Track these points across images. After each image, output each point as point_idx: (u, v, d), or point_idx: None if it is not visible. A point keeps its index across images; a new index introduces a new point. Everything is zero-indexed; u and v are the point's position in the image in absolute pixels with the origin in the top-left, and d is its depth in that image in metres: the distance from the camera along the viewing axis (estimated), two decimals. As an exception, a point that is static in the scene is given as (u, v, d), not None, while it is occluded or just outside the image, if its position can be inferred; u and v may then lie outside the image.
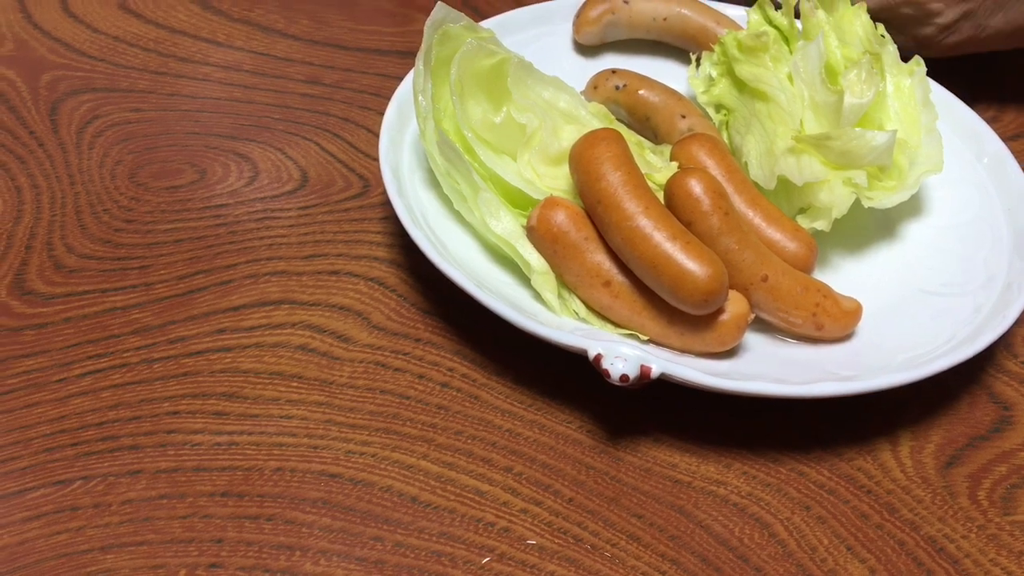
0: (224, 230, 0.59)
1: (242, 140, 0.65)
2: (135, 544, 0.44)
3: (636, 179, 0.50)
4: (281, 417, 0.49)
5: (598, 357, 0.47)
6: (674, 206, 0.51)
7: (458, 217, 0.55)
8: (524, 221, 0.53)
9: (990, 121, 0.64)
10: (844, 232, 0.57)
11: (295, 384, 0.51)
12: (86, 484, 0.46)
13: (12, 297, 0.54)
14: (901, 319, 0.53)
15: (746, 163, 0.58)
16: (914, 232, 0.59)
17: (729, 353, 0.50)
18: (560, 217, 0.51)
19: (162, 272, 0.56)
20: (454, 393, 0.51)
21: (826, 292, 0.51)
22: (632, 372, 0.46)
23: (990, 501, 0.48)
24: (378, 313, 0.55)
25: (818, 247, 0.54)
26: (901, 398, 0.52)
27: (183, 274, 0.56)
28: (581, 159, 0.51)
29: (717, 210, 0.50)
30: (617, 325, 0.51)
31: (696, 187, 0.50)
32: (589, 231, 0.51)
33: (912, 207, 0.59)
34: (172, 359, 0.52)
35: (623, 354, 0.46)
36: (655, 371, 0.46)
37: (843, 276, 0.56)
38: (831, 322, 0.50)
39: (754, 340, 0.52)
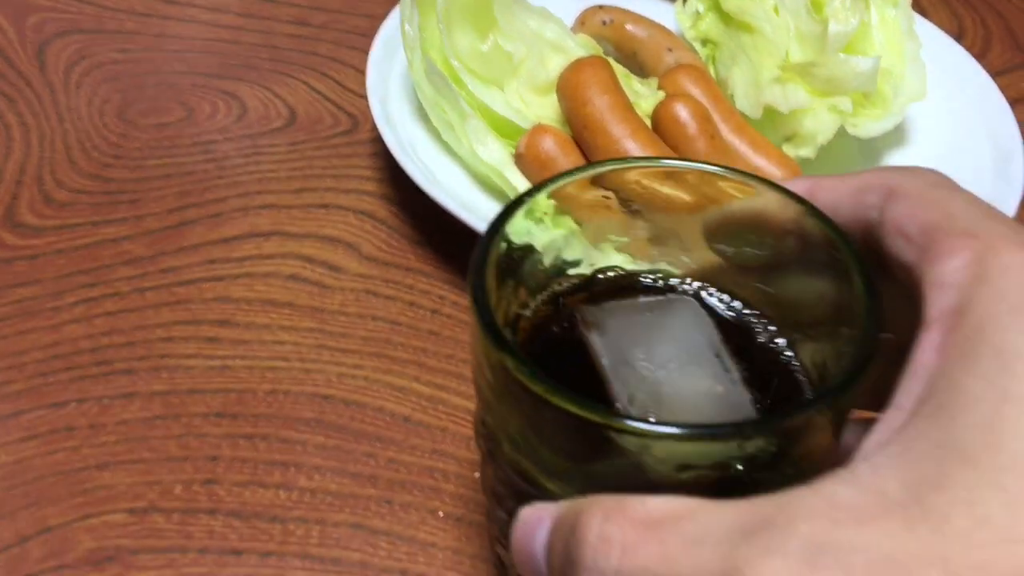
0: (213, 165, 0.59)
1: (230, 79, 0.65)
2: (131, 462, 0.44)
3: (623, 104, 0.50)
4: (273, 342, 0.50)
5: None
6: (661, 132, 0.51)
7: (446, 148, 0.56)
8: (512, 150, 0.53)
9: (977, 58, 0.65)
10: (830, 162, 0.58)
11: (287, 311, 0.51)
12: (81, 406, 0.46)
13: (3, 229, 0.54)
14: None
15: (732, 95, 0.58)
16: (897, 160, 0.59)
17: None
18: (548, 143, 0.51)
19: (152, 206, 0.56)
20: (444, 319, 0.52)
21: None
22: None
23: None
24: (368, 244, 0.55)
25: (803, 174, 0.54)
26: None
27: (173, 207, 0.56)
28: (568, 84, 0.51)
29: (703, 134, 0.50)
30: (605, 250, 0.51)
31: (683, 112, 0.51)
32: (577, 157, 0.51)
33: (896, 137, 0.60)
34: (164, 288, 0.52)
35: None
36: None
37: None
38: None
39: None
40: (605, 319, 0.35)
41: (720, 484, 0.29)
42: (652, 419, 0.28)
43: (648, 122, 0.52)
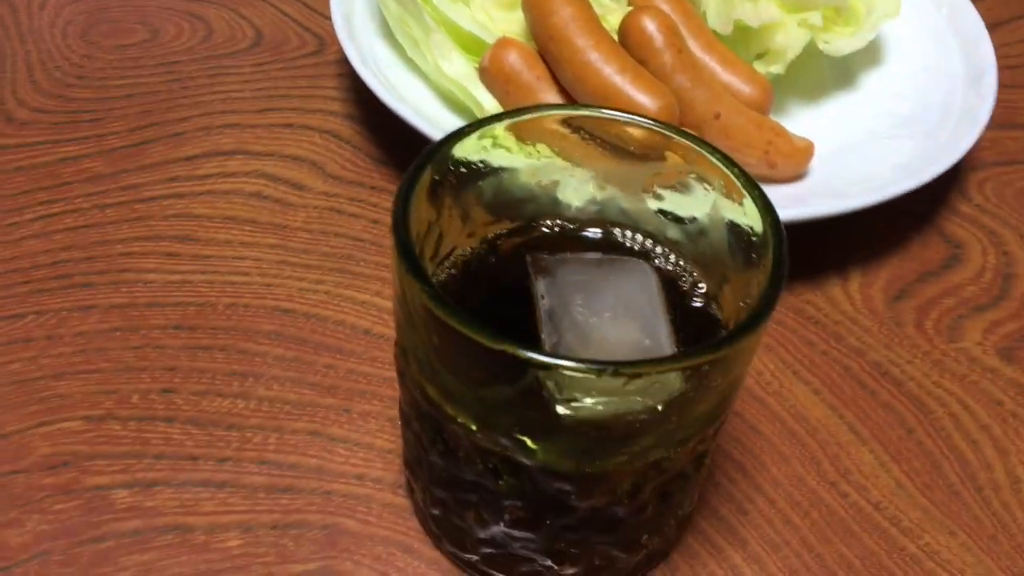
0: (177, 85, 0.58)
1: (195, 1, 0.64)
2: (88, 372, 0.44)
3: (587, 15, 0.49)
4: (234, 258, 0.49)
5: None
6: (627, 44, 0.50)
7: (411, 66, 0.55)
8: (477, 65, 0.52)
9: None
10: (800, 80, 0.57)
11: (248, 228, 0.51)
12: (39, 318, 0.46)
13: (-38, 147, 0.54)
14: (854, 159, 0.53)
15: (704, 12, 0.57)
16: (870, 79, 0.58)
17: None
18: (512, 57, 0.50)
19: (114, 125, 0.56)
20: (409, 236, 0.51)
21: (779, 130, 0.51)
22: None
23: (936, 330, 0.49)
24: (333, 163, 0.55)
25: (774, 91, 0.54)
26: (852, 238, 0.52)
27: (135, 126, 0.56)
28: (533, -4, 0.50)
29: (670, 47, 0.49)
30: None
31: (649, 24, 0.50)
32: (542, 71, 0.50)
33: (868, 55, 0.59)
34: (124, 204, 0.51)
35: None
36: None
37: (797, 121, 0.56)
38: (783, 160, 0.51)
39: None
40: (556, 267, 0.36)
41: (613, 427, 0.30)
42: (534, 349, 0.28)
43: (616, 37, 0.51)
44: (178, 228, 0.50)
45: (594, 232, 0.39)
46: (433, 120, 0.52)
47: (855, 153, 0.54)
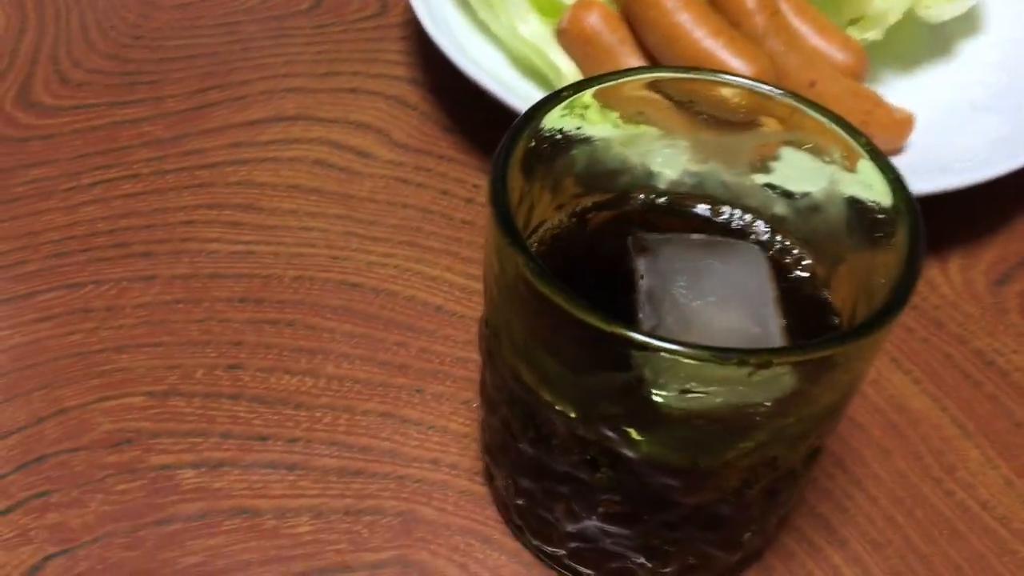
0: (238, 47, 0.56)
1: (254, -39, 0.62)
2: (151, 345, 0.42)
3: (676, -26, 0.46)
4: (299, 228, 0.47)
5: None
6: (717, 7, 0.47)
7: (482, 28, 0.52)
8: (554, 27, 0.49)
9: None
10: (895, 47, 0.54)
11: (314, 197, 0.49)
12: (98, 288, 0.44)
13: (17, 109, 0.52)
14: (951, 132, 0.50)
15: (792, -25, 0.54)
16: (969, 48, 0.55)
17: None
18: (593, 18, 0.47)
19: (173, 87, 0.54)
20: (479, 208, 0.49)
21: (877, 100, 0.48)
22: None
23: (1043, 317, 0.46)
24: (399, 130, 0.52)
25: (868, 60, 0.50)
26: (950, 216, 0.49)
27: (195, 89, 0.54)
28: (617, -46, 0.47)
29: (763, 9, 0.46)
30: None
31: (740, -15, 0.47)
32: (624, 33, 0.48)
33: (966, 22, 0.55)
34: (185, 171, 0.49)
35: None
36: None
37: (890, 90, 0.52)
38: (881, 131, 0.47)
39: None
40: (659, 247, 0.33)
41: (728, 420, 0.27)
42: (655, 334, 0.25)
43: (703, -2, 0.48)
44: (241, 196, 0.48)
45: (691, 207, 0.36)
46: (507, 85, 0.49)
47: (952, 126, 0.50)
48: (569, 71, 0.48)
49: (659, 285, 0.32)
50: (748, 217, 0.36)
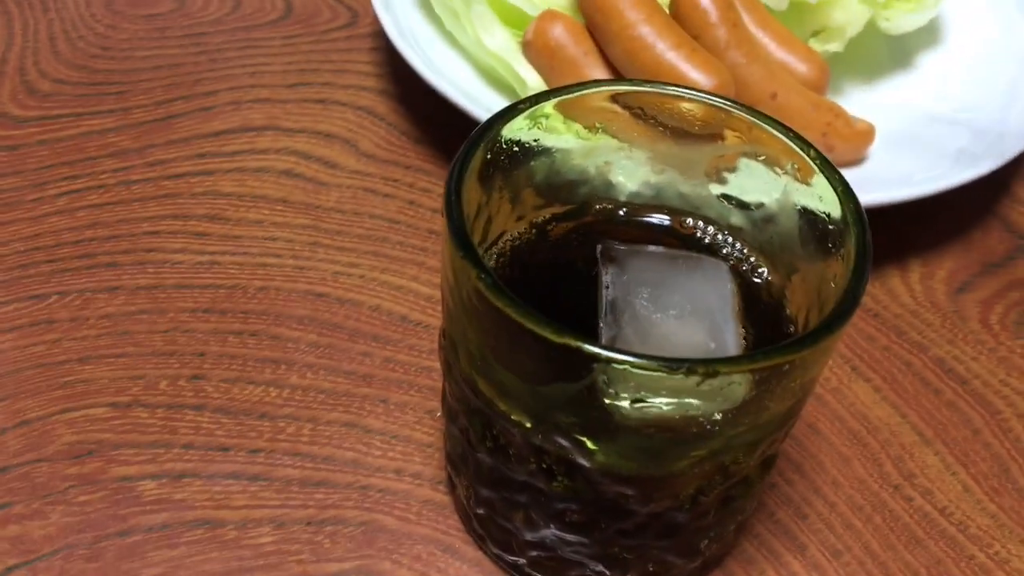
0: (204, 58, 0.56)
1: (224, -29, 0.62)
2: (114, 356, 0.42)
3: (639, -13, 0.47)
4: (265, 239, 0.47)
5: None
6: (680, 18, 0.48)
7: (450, 39, 0.53)
8: (520, 39, 0.50)
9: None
10: (857, 59, 0.54)
11: (280, 207, 0.49)
12: (62, 299, 0.44)
13: (-18, 119, 0.52)
14: (913, 143, 0.50)
15: (756, -13, 0.54)
16: (930, 60, 0.56)
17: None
18: (558, 30, 0.48)
19: (140, 98, 0.54)
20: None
21: (838, 112, 0.48)
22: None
23: (1002, 325, 0.46)
24: (367, 141, 0.52)
25: (830, 72, 0.51)
26: (911, 227, 0.50)
27: (162, 100, 0.54)
28: (581, -34, 0.48)
29: (725, 21, 0.47)
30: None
31: (703, -2, 0.47)
32: (589, 45, 0.48)
33: (929, 34, 0.56)
34: (151, 181, 0.49)
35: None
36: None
37: (852, 103, 0.53)
38: (842, 143, 0.48)
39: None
40: (626, 257, 0.34)
41: (680, 429, 0.27)
42: (604, 345, 0.26)
43: (667, 10, 0.49)
44: (207, 206, 0.48)
45: (650, 217, 0.37)
46: (472, 97, 0.49)
47: (914, 137, 0.51)
48: (534, 83, 0.48)
49: (622, 296, 0.32)
50: (708, 228, 0.36)
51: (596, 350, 0.26)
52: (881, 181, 0.48)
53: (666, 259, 0.34)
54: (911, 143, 0.50)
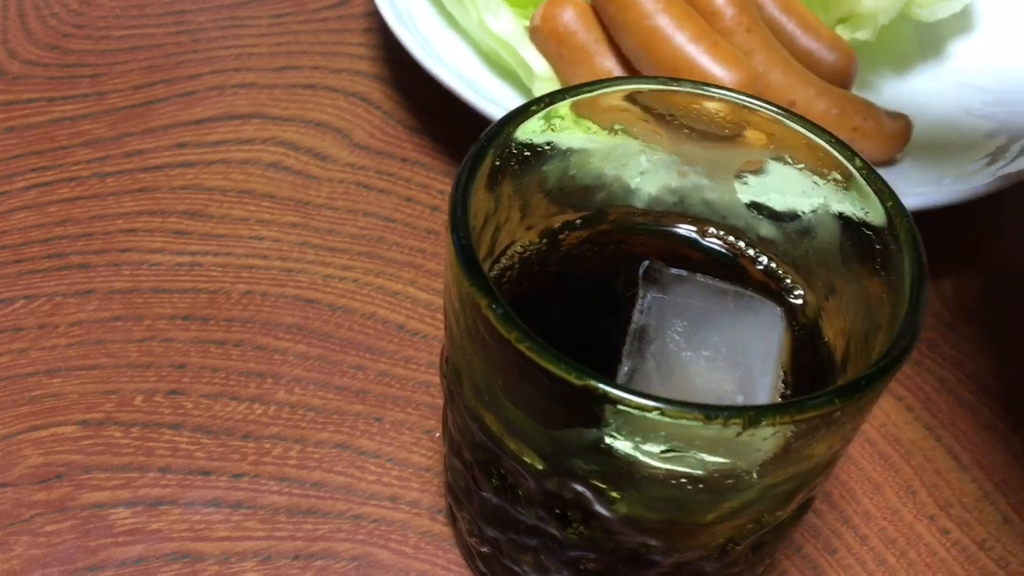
0: (187, 38, 0.52)
1: (208, -56, 0.58)
2: (85, 368, 0.39)
3: (657, -30, 0.43)
4: (251, 238, 0.44)
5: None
6: (697, 4, 0.44)
7: (451, 21, 0.49)
8: (527, 22, 0.46)
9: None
10: (886, 48, 0.51)
11: (266, 203, 0.45)
12: (29, 304, 0.41)
13: (-55, 104, 0.48)
14: (946, 141, 0.47)
15: (779, -32, 0.51)
16: (964, 49, 0.52)
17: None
18: (568, 15, 0.44)
19: (117, 81, 0.50)
20: (446, 217, 0.46)
21: (867, 113, 0.45)
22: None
23: (1040, 338, 0.43)
24: (360, 130, 0.49)
25: (858, 61, 0.48)
26: (943, 231, 0.47)
27: (140, 84, 0.50)
28: (594, -54, 0.44)
29: (739, 25, 0.43)
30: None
31: (722, -13, 0.44)
32: (600, 33, 0.44)
33: (962, 22, 0.53)
34: (127, 173, 0.46)
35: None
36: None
37: (881, 95, 0.50)
38: (871, 147, 0.44)
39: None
40: (673, 283, 0.30)
41: (712, 480, 0.24)
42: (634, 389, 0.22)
43: (685, -5, 0.45)
44: (188, 202, 0.45)
45: (672, 227, 0.33)
46: (475, 85, 0.46)
47: (947, 133, 0.48)
48: (541, 71, 0.45)
49: (655, 324, 0.29)
50: (733, 239, 0.33)
51: (622, 395, 0.23)
52: (911, 182, 0.44)
53: (715, 292, 0.30)
54: (944, 139, 0.47)
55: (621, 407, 0.23)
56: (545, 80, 0.45)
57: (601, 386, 0.23)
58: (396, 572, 0.34)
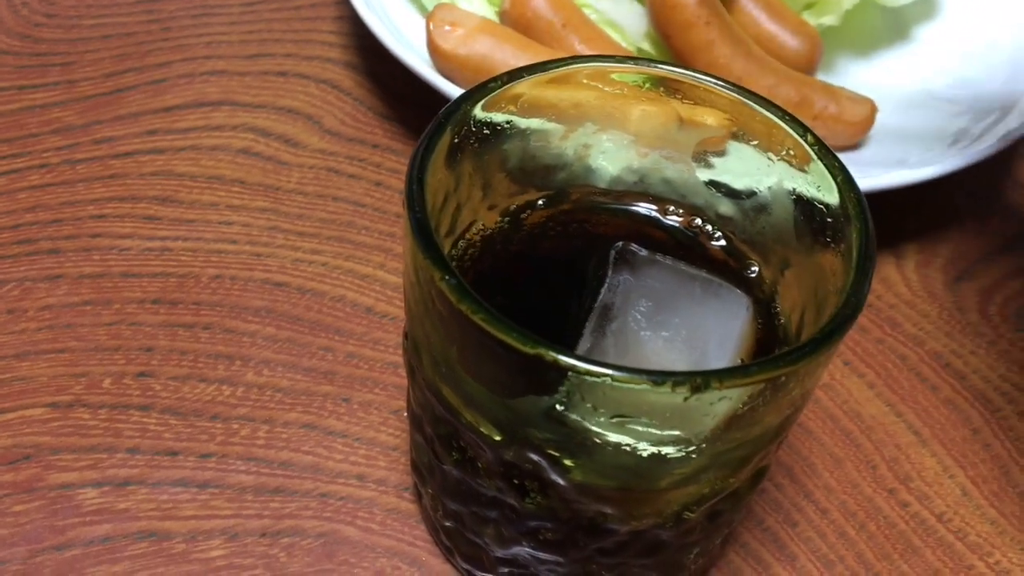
0: (157, 26, 0.52)
1: (180, -66, 0.58)
2: (54, 351, 0.39)
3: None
4: (220, 223, 0.44)
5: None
6: (659, 20, 0.45)
7: (421, 8, 0.49)
8: (497, 8, 0.47)
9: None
10: (851, 33, 0.51)
11: (236, 189, 0.46)
12: (-2, 289, 0.41)
13: (-85, 92, 0.48)
14: (910, 124, 0.48)
15: (745, -45, 0.51)
16: (928, 33, 0.53)
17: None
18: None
19: (87, 69, 0.50)
20: (415, 201, 0.46)
21: (830, 99, 0.45)
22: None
23: (1002, 316, 0.44)
24: (331, 117, 0.49)
25: (823, 46, 0.48)
26: (906, 211, 0.47)
27: (110, 72, 0.50)
28: (560, -69, 0.45)
29: (697, 19, 0.44)
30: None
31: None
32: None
33: (926, 7, 0.53)
34: (97, 160, 0.46)
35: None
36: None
37: (846, 79, 0.50)
38: (835, 132, 0.45)
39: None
40: (643, 265, 0.30)
41: (657, 450, 0.25)
42: (581, 357, 0.23)
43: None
44: (158, 188, 0.45)
45: (633, 205, 0.34)
46: (444, 71, 0.46)
47: (911, 116, 0.48)
48: (510, 55, 0.45)
49: (620, 303, 0.29)
50: (694, 219, 0.33)
51: (571, 362, 0.23)
52: (876, 164, 0.45)
53: (685, 277, 0.30)
54: (908, 122, 0.48)
55: (573, 375, 0.23)
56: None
57: (552, 353, 0.23)
58: (362, 548, 0.35)
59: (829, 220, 0.29)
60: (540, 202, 0.34)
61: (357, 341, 0.40)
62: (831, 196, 0.28)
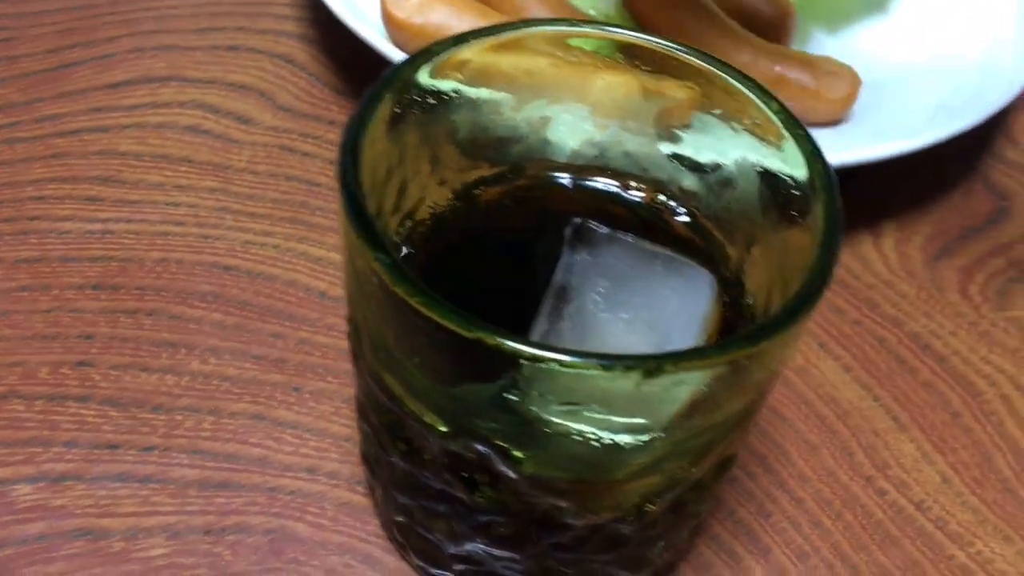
0: (104, 0, 0.50)
1: (130, -96, 0.56)
2: (-14, 341, 0.37)
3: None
4: (166, 204, 0.42)
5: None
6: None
7: (379, -21, 0.47)
8: (454, -22, 0.45)
9: None
10: (826, 2, 0.50)
11: (183, 168, 0.43)
12: (-71, 275, 0.39)
13: None
14: (887, 98, 0.46)
15: (717, -78, 0.49)
16: (906, 2, 0.51)
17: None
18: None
19: (30, 45, 0.48)
20: (373, 180, 0.44)
21: (807, 78, 0.43)
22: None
23: (983, 296, 0.42)
24: (285, 93, 0.47)
25: (797, 15, 0.46)
26: (884, 188, 0.46)
27: (54, 47, 0.48)
28: None
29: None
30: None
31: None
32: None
33: (906, -25, 0.52)
34: (38, 139, 0.44)
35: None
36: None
37: (822, 50, 0.48)
38: (810, 114, 0.43)
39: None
40: (601, 242, 0.28)
41: (612, 439, 0.23)
42: (522, 339, 0.21)
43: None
44: (100, 168, 0.43)
45: (593, 181, 0.32)
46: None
47: (888, 89, 0.46)
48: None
49: (577, 284, 0.28)
50: (657, 195, 0.32)
51: (515, 347, 0.21)
52: (852, 138, 0.43)
53: (646, 255, 0.28)
54: (885, 96, 0.46)
55: (521, 360, 0.22)
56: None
57: (494, 338, 0.21)
58: (312, 545, 0.33)
59: (796, 193, 0.27)
60: (494, 178, 0.32)
61: (310, 327, 0.38)
62: (798, 168, 0.27)
